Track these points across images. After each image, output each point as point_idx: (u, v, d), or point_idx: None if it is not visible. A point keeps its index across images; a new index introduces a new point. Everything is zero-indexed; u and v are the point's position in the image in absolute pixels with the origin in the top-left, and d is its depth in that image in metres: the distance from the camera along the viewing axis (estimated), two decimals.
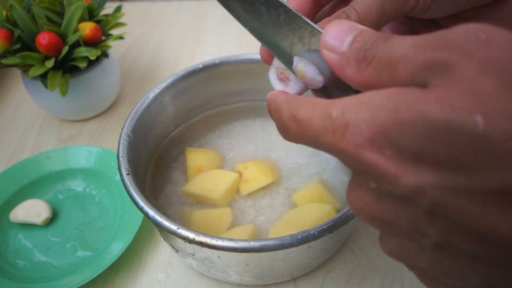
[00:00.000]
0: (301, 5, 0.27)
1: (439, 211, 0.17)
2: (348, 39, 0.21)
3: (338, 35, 0.21)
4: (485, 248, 0.16)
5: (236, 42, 0.79)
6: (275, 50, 0.27)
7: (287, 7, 0.25)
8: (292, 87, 0.26)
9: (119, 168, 0.40)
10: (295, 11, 0.25)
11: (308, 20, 0.24)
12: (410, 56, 0.17)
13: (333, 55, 0.21)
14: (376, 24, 0.24)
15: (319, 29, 0.24)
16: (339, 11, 0.25)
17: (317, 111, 0.20)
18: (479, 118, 0.15)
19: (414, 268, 0.21)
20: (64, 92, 0.53)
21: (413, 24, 0.30)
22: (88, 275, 0.42)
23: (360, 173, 0.19)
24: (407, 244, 0.19)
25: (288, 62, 0.26)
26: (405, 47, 0.18)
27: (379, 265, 0.44)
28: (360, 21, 0.24)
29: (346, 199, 0.21)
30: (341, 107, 0.19)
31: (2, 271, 0.44)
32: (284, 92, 0.24)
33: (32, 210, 0.48)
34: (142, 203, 0.36)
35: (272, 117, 0.23)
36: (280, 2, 0.25)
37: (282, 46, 0.26)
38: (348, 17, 0.24)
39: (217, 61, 0.51)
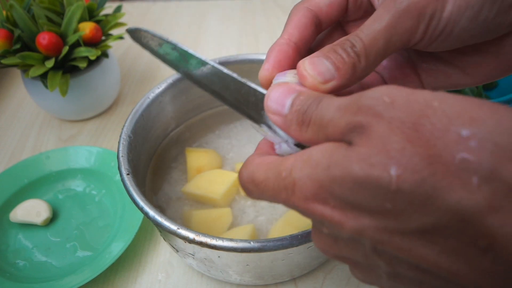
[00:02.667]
0: (303, 31, 0.28)
1: (381, 248, 0.19)
2: (288, 103, 0.23)
3: (278, 99, 0.24)
4: (423, 274, 0.19)
5: (236, 42, 0.79)
6: (236, 110, 0.29)
7: (233, 76, 0.27)
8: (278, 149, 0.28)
9: (119, 168, 0.40)
10: (240, 80, 0.27)
11: (253, 85, 0.27)
12: (335, 120, 0.20)
13: (277, 117, 0.24)
14: (382, 54, 0.25)
15: (263, 91, 0.26)
16: (343, 39, 0.25)
17: (270, 172, 0.22)
18: (392, 172, 0.17)
19: None
20: (64, 92, 0.53)
21: (410, 54, 0.30)
22: (88, 275, 0.42)
23: (315, 222, 0.22)
24: (369, 274, 0.22)
25: (253, 120, 0.28)
26: (331, 111, 0.21)
27: None
28: (366, 50, 0.24)
29: (313, 242, 0.24)
30: (289, 167, 0.21)
31: (2, 271, 0.44)
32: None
33: (32, 210, 0.48)
34: (142, 203, 0.36)
35: (240, 182, 0.25)
36: (228, 74, 0.27)
37: (242, 109, 0.28)
38: (353, 46, 0.24)
39: (217, 61, 0.51)
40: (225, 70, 0.28)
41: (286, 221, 0.43)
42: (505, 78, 0.30)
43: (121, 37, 0.58)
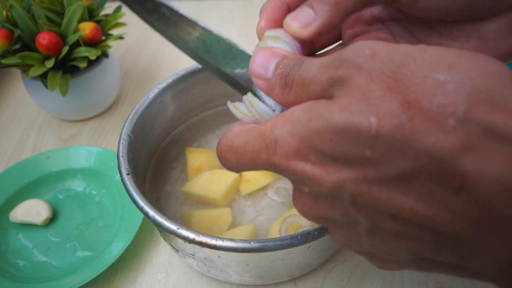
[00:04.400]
0: (277, 9, 0.29)
1: (360, 200, 0.20)
2: (272, 66, 0.24)
3: (262, 63, 0.24)
4: (401, 225, 0.19)
5: (236, 42, 0.78)
6: (220, 75, 0.29)
7: (221, 37, 0.28)
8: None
9: (119, 168, 0.40)
10: (229, 41, 0.28)
11: (241, 48, 0.28)
12: (317, 77, 0.21)
13: (260, 81, 0.24)
14: (359, 3, 0.26)
15: (251, 54, 0.27)
16: None
17: (251, 135, 0.23)
18: (372, 119, 0.18)
19: (362, 253, 0.24)
20: (64, 92, 0.53)
21: (413, 32, 0.31)
22: (88, 275, 0.42)
23: (295, 182, 0.22)
24: (348, 233, 0.22)
25: (232, 84, 0.29)
26: (313, 69, 0.21)
27: None
28: None
29: (294, 205, 0.24)
30: (270, 125, 0.22)
31: (2, 271, 0.44)
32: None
33: (32, 210, 0.48)
34: (142, 203, 0.36)
35: (217, 153, 0.26)
36: (214, 34, 0.28)
37: (225, 71, 0.29)
38: None
39: None
40: (215, 32, 0.28)
41: None
42: None
43: (121, 37, 0.58)
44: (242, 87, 0.28)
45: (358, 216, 0.20)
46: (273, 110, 0.26)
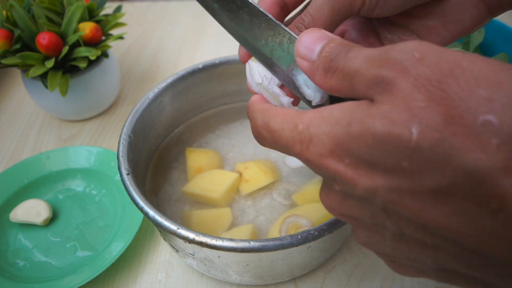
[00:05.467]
0: (269, 9, 0.29)
1: (391, 208, 0.20)
2: (318, 49, 0.23)
3: (309, 44, 0.24)
4: (429, 236, 0.19)
5: (236, 42, 0.78)
6: (257, 55, 0.29)
7: (268, 16, 0.27)
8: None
9: (119, 168, 0.40)
10: (275, 20, 0.27)
11: (287, 29, 0.27)
12: (361, 71, 0.20)
13: (305, 62, 0.24)
14: (330, 23, 0.27)
15: (295, 36, 0.26)
16: (298, 18, 0.27)
17: (286, 123, 0.23)
18: (414, 130, 0.18)
19: (382, 255, 0.24)
20: (64, 92, 0.53)
21: (374, 24, 0.32)
22: (88, 275, 0.42)
23: (327, 178, 0.23)
24: (373, 235, 0.22)
25: (269, 65, 0.29)
26: (359, 61, 0.21)
27: (379, 265, 0.44)
28: (314, 22, 0.26)
29: (320, 200, 0.24)
30: (306, 121, 0.22)
31: (2, 271, 0.44)
32: (262, 101, 0.27)
33: (32, 210, 0.48)
34: (142, 203, 0.36)
35: (250, 122, 0.26)
36: (261, 11, 0.28)
37: (264, 52, 0.29)
38: (303, 21, 0.27)
39: (217, 61, 0.51)
40: (261, 8, 0.28)
41: None
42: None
43: (121, 37, 0.58)
44: (280, 70, 0.28)
45: (386, 221, 0.21)
46: (310, 100, 0.26)
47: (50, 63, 0.52)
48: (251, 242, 0.33)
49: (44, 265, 0.46)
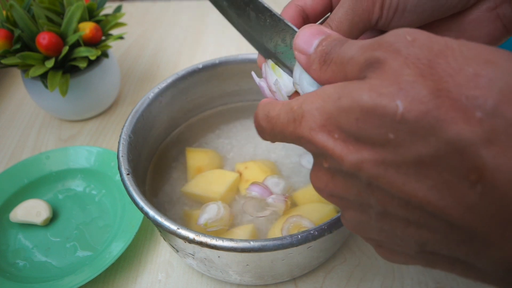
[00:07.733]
0: (292, 21, 0.30)
1: (375, 182, 0.20)
2: (315, 43, 0.24)
3: (307, 38, 0.25)
4: (412, 213, 0.20)
5: (236, 42, 0.79)
6: (262, 51, 0.30)
7: (272, 11, 0.28)
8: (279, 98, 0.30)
9: (119, 168, 0.40)
10: (279, 15, 0.28)
11: (289, 23, 0.28)
12: (355, 58, 0.21)
13: (302, 56, 0.25)
14: (349, 36, 0.28)
15: (297, 30, 0.27)
16: None
17: (283, 108, 0.24)
18: (399, 102, 0.18)
19: (369, 240, 0.24)
20: (64, 92, 0.53)
21: None
22: (88, 275, 0.42)
23: (316, 156, 0.23)
24: (359, 216, 0.23)
25: (273, 59, 0.30)
26: (353, 50, 0.21)
27: (379, 265, 0.44)
28: None
29: (310, 181, 0.25)
30: (301, 101, 0.22)
31: (2, 271, 0.44)
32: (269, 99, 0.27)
33: (32, 210, 0.48)
34: (142, 203, 0.36)
35: (254, 122, 0.27)
36: (266, 7, 0.28)
37: (268, 47, 0.30)
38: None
39: (217, 61, 0.51)
40: (265, 4, 0.29)
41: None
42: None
43: (121, 37, 0.58)
44: (283, 64, 0.29)
45: (371, 198, 0.21)
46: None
47: (50, 63, 0.52)
48: (251, 242, 0.33)
49: (44, 265, 0.46)
